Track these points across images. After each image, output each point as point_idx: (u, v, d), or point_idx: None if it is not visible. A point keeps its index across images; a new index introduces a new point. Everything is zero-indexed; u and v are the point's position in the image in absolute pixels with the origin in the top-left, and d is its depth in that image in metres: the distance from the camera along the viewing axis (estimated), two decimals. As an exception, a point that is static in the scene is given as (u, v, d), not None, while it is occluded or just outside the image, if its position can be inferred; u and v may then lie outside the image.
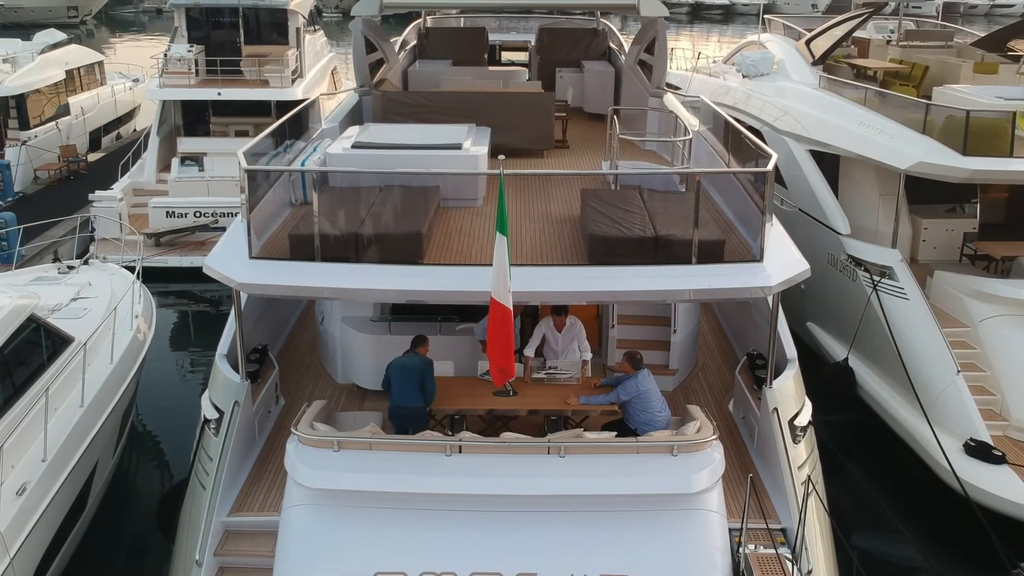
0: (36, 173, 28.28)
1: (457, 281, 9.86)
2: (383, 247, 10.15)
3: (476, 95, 15.36)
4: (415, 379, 10.67)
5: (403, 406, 10.72)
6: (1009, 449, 13.46)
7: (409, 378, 10.67)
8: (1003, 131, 14.79)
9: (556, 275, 9.99)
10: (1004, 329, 14.59)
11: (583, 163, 15.32)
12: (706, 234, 10.15)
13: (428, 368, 10.82)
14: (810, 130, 18.05)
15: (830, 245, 16.98)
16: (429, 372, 10.81)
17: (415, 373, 10.70)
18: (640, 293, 9.98)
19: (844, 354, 16.30)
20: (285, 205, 12.45)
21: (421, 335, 11.26)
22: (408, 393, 10.68)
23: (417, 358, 10.87)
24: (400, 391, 10.71)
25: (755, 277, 9.95)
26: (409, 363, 10.80)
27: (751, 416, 11.60)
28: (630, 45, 18.42)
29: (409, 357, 10.90)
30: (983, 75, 19.60)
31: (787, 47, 22.04)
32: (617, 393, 10.69)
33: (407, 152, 12.39)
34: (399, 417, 10.76)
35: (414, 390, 10.68)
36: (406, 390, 10.68)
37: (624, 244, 10.07)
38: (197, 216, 23.54)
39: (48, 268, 17.16)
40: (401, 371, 10.75)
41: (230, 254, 10.31)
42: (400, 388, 10.69)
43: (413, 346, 11.05)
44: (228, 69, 26.86)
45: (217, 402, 11.03)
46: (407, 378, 10.68)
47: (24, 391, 11.59)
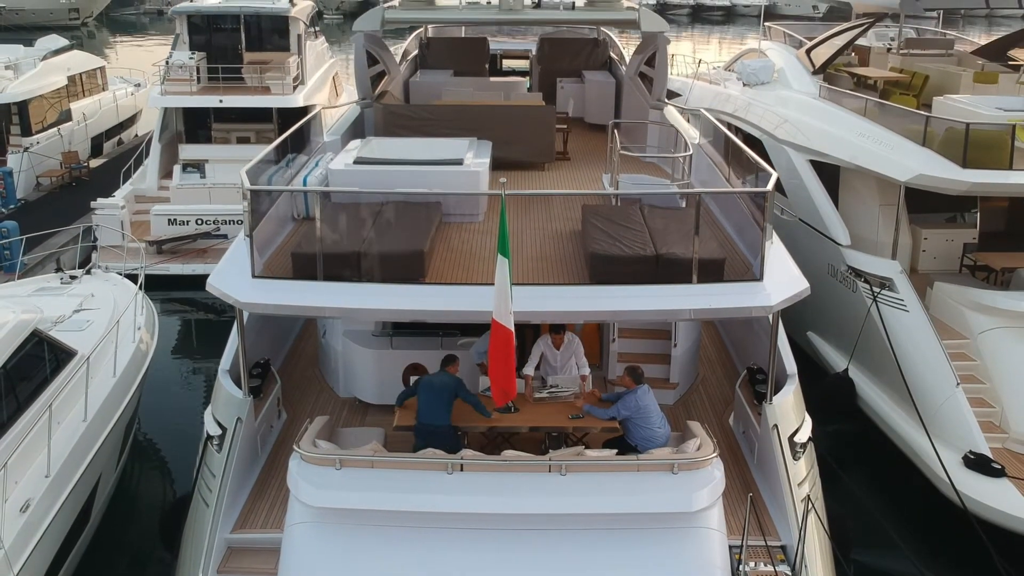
0: (38, 179, 28.34)
1: (459, 301, 9.92)
2: (385, 265, 10.21)
3: (477, 108, 15.44)
4: (445, 398, 10.61)
5: (430, 424, 10.63)
6: (1008, 462, 13.50)
7: (438, 397, 10.61)
8: (1003, 144, 14.83)
9: (557, 294, 10.04)
10: (1004, 341, 14.63)
11: (584, 176, 15.37)
12: (706, 252, 10.21)
13: (460, 386, 10.78)
14: (810, 140, 18.10)
15: (830, 256, 17.03)
16: (462, 389, 10.79)
17: (445, 392, 10.64)
18: (641, 313, 10.05)
19: (844, 365, 16.35)
20: (287, 220, 12.52)
21: (452, 354, 11.26)
22: (436, 412, 10.61)
23: (447, 376, 10.84)
24: (428, 409, 10.64)
25: (755, 296, 10.01)
26: (438, 381, 10.75)
27: (751, 432, 11.66)
28: (631, 56, 18.49)
29: (439, 376, 10.87)
30: (983, 85, 19.64)
31: (787, 55, 22.08)
32: (617, 408, 10.74)
33: (408, 168, 12.45)
34: (426, 435, 10.67)
35: (442, 409, 10.61)
36: (434, 409, 10.61)
37: (625, 262, 10.13)
38: (199, 223, 23.60)
39: (50, 278, 17.22)
40: (430, 389, 10.69)
41: (233, 272, 10.38)
42: (428, 406, 10.63)
43: (443, 365, 11.03)
44: (230, 76, 26.89)
45: (220, 418, 11.09)
46: (436, 397, 10.62)
47: (28, 406, 11.65)
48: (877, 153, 16.04)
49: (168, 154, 26.94)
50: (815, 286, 17.41)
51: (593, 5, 15.65)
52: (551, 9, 15.33)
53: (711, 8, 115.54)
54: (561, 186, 14.88)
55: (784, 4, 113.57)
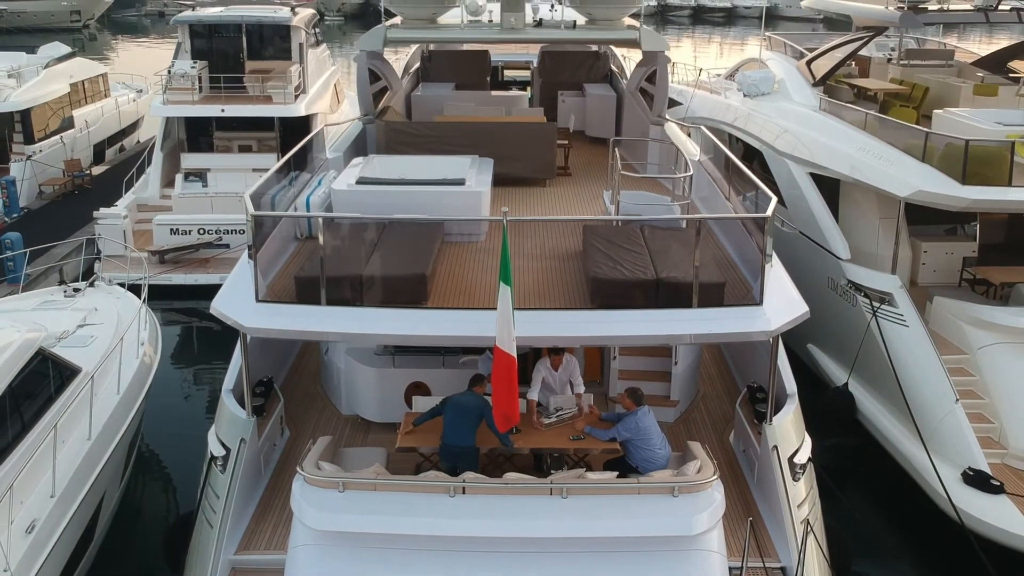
0: (41, 188, 28.42)
1: (462, 326, 10.00)
2: (388, 289, 10.30)
3: (479, 125, 15.53)
4: (471, 418, 10.50)
5: (456, 445, 10.58)
6: (1007, 478, 13.58)
7: (465, 417, 10.51)
8: (1002, 160, 14.89)
9: (558, 319, 10.13)
10: (1003, 357, 14.70)
11: (585, 192, 15.46)
12: (706, 276, 10.29)
13: (486, 407, 10.64)
14: (810, 153, 18.17)
15: (830, 269, 17.11)
16: (488, 411, 10.63)
17: (473, 412, 10.52)
18: (642, 338, 10.13)
19: (844, 378, 16.42)
20: (290, 239, 12.61)
21: (479, 375, 11.18)
22: (462, 433, 10.53)
23: (475, 397, 10.72)
24: (453, 430, 10.55)
25: (755, 321, 10.09)
26: (465, 402, 10.63)
27: (751, 451, 11.74)
28: (632, 71, 18.57)
29: (465, 396, 10.74)
30: (983, 97, 19.71)
31: (788, 66, 22.13)
32: (618, 429, 10.81)
33: (411, 188, 12.53)
34: (450, 456, 10.61)
35: (468, 430, 10.53)
36: (460, 429, 10.53)
37: (626, 286, 10.22)
38: (201, 233, 23.66)
39: (54, 291, 17.30)
40: (457, 409, 10.58)
41: (237, 296, 10.47)
42: (454, 427, 10.54)
43: (470, 385, 10.94)
44: (231, 85, 26.97)
45: (224, 439, 11.18)
46: (463, 417, 10.52)
47: (33, 425, 11.73)
48: (877, 168, 16.11)
49: (170, 162, 27.04)
50: (815, 299, 17.54)
51: (594, 23, 15.73)
52: (552, 28, 15.41)
53: (712, 10, 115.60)
54: (562, 202, 14.96)
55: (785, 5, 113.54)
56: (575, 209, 14.58)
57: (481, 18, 15.69)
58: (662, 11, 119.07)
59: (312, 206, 12.83)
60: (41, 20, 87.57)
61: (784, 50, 23.56)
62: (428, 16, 15.66)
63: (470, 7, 15.52)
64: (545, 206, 14.73)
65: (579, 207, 14.74)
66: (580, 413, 11.58)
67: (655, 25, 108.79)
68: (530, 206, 14.69)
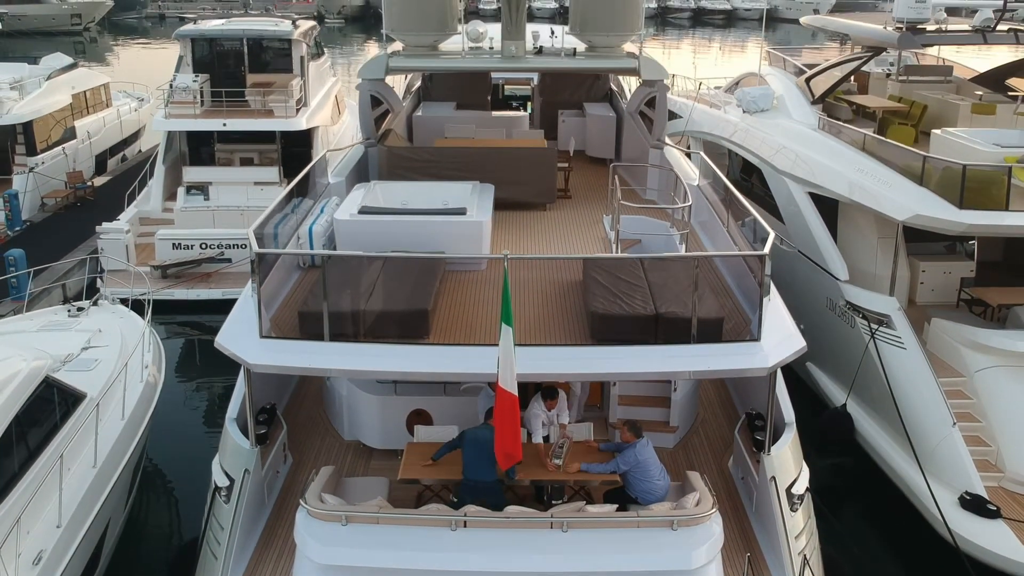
0: (43, 200, 28.54)
1: (463, 363, 10.12)
2: (390, 324, 10.43)
3: (479, 150, 15.64)
4: (491, 452, 10.29)
5: (477, 480, 10.49)
6: (1004, 501, 13.70)
7: (484, 451, 10.33)
8: (999, 184, 14.99)
9: (558, 355, 10.24)
10: (1000, 381, 14.81)
11: (585, 217, 15.57)
12: (705, 311, 10.41)
13: None
14: (809, 173, 18.28)
15: (829, 290, 17.23)
16: None
17: (492, 445, 10.31)
18: (640, 375, 10.25)
19: (843, 399, 16.55)
20: (293, 268, 12.72)
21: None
22: (483, 467, 10.43)
23: (492, 430, 10.47)
24: (474, 465, 10.47)
25: (753, 358, 10.22)
26: (484, 436, 10.45)
27: (750, 480, 11.85)
28: (632, 94, 18.68)
29: (483, 429, 10.64)
30: (981, 116, 19.84)
31: (787, 83, 22.26)
32: (617, 463, 10.93)
33: (412, 218, 12.65)
34: (472, 492, 10.44)
35: (490, 464, 10.35)
36: (481, 464, 10.42)
37: (625, 322, 10.34)
38: (203, 248, 23.78)
39: (57, 310, 17.41)
40: (475, 444, 10.46)
41: (241, 331, 10.58)
42: (474, 462, 10.45)
43: (486, 418, 10.89)
44: (233, 99, 27.09)
45: (228, 469, 11.29)
46: (483, 452, 10.35)
47: (39, 453, 11.82)
48: (875, 190, 16.22)
49: (172, 175, 27.15)
50: (814, 319, 17.70)
51: (594, 51, 15.84)
52: (552, 56, 15.54)
53: (712, 12, 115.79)
54: (563, 228, 15.08)
55: (785, 8, 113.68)
56: (575, 235, 14.70)
57: (482, 44, 15.82)
58: (662, 13, 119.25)
59: (315, 235, 12.94)
60: (42, 24, 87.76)
61: (783, 66, 23.68)
62: (429, 43, 15.79)
63: (471, 34, 15.66)
64: (546, 232, 14.85)
65: (579, 232, 14.86)
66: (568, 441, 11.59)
67: (655, 27, 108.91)
68: (531, 232, 14.81)
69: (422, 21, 15.43)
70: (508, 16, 15.22)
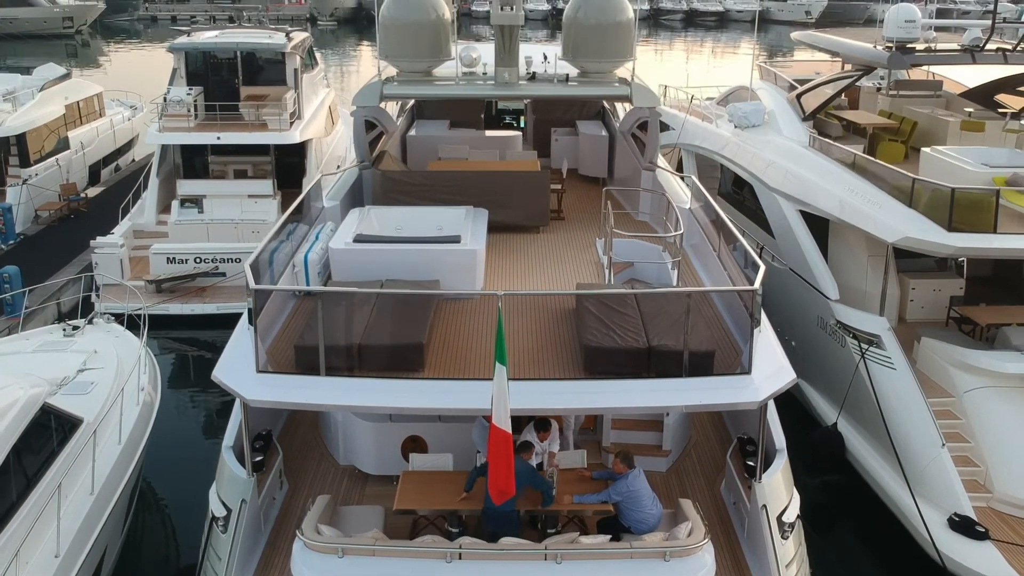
0: (37, 212, 28.58)
1: (458, 398, 10.25)
2: (386, 357, 10.54)
3: (473, 174, 15.77)
4: (518, 486, 10.39)
5: (501, 511, 10.56)
6: (992, 522, 13.87)
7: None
8: (987, 207, 15.15)
9: (551, 390, 10.38)
10: (988, 402, 14.98)
11: (577, 240, 15.71)
12: (696, 343, 10.54)
13: (532, 473, 10.76)
14: (800, 191, 18.43)
15: (819, 308, 17.38)
16: (535, 476, 10.77)
17: (520, 479, 10.46)
18: (633, 409, 10.38)
19: (834, 417, 16.70)
20: (289, 296, 12.82)
21: (527, 442, 11.25)
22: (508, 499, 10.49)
23: (522, 464, 10.71)
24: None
25: (744, 391, 10.36)
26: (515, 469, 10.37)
27: (741, 506, 11.99)
28: (624, 115, 18.81)
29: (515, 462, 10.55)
30: (970, 133, 20.02)
31: (778, 98, 22.40)
32: (609, 493, 11.08)
33: (407, 247, 12.77)
34: (493, 520, 10.62)
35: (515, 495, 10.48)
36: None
37: (618, 355, 10.48)
38: (198, 262, 23.86)
39: (53, 329, 17.46)
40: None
41: (238, 365, 10.69)
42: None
43: (518, 451, 10.91)
44: (227, 112, 27.15)
45: (225, 498, 11.40)
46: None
47: (37, 482, 11.89)
48: (865, 211, 16.37)
49: (166, 188, 27.17)
50: (805, 336, 17.86)
51: (587, 76, 15.97)
52: (546, 83, 15.66)
53: (704, 13, 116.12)
54: (556, 251, 15.22)
55: (777, 9, 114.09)
56: (568, 259, 14.82)
57: (476, 69, 15.94)
58: (655, 15, 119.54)
59: (310, 263, 13.06)
60: (34, 27, 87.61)
61: (774, 80, 23.82)
62: (423, 69, 15.91)
63: (464, 59, 15.78)
64: (539, 256, 14.97)
65: (572, 256, 14.99)
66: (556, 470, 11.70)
67: (648, 29, 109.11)
68: (524, 256, 14.93)
69: (416, 48, 15.56)
70: (501, 44, 15.35)
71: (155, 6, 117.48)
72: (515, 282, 13.51)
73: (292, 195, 26.22)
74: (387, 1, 15.74)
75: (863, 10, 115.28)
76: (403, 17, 15.48)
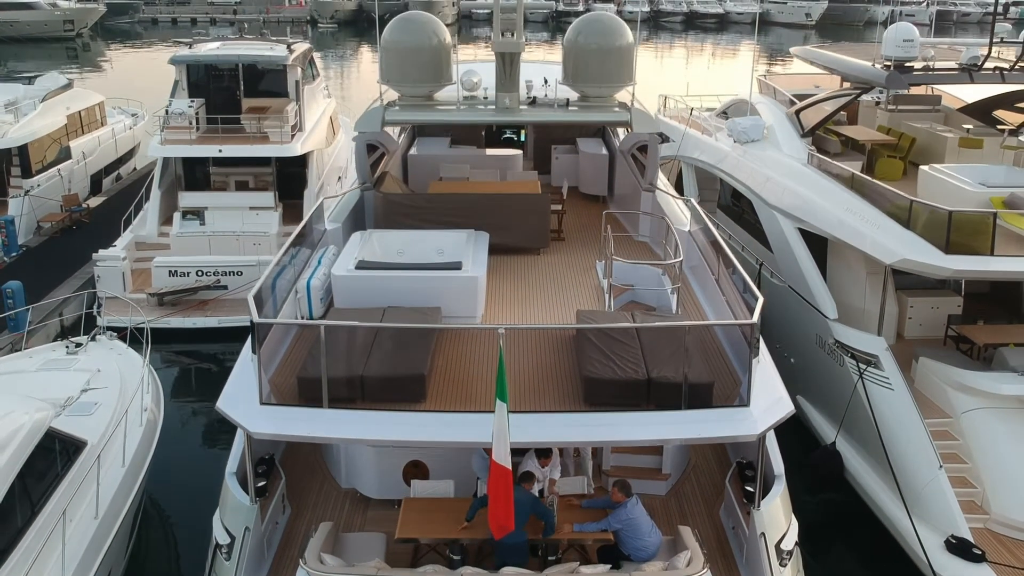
0: (39, 224, 28.66)
1: (460, 431, 10.37)
2: (388, 389, 10.66)
3: (474, 197, 15.88)
4: (524, 515, 10.59)
5: (513, 543, 10.63)
6: (989, 543, 13.97)
7: (518, 514, 10.47)
8: (984, 229, 15.24)
9: (551, 422, 10.49)
10: (986, 423, 15.08)
11: (578, 262, 15.82)
12: (695, 375, 10.65)
13: (536, 503, 10.89)
14: (799, 209, 18.53)
15: (818, 327, 17.48)
16: (538, 505, 10.89)
17: (526, 509, 10.62)
18: (632, 442, 10.50)
19: (833, 436, 16.81)
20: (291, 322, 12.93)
21: (528, 472, 11.40)
22: (516, 529, 10.56)
23: (524, 494, 10.82)
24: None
25: (742, 424, 10.48)
26: (518, 499, 10.44)
27: (740, 531, 12.10)
28: (624, 136, 18.93)
29: (516, 492, 10.63)
30: (968, 150, 20.12)
31: (778, 113, 22.50)
32: (608, 521, 11.20)
33: (408, 274, 12.89)
34: (502, 552, 10.74)
35: (520, 526, 10.60)
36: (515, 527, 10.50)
37: (617, 386, 10.59)
38: (199, 275, 23.96)
39: (56, 347, 17.57)
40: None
41: (242, 397, 10.80)
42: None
43: (520, 481, 11.04)
44: (229, 125, 27.27)
45: (228, 525, 11.51)
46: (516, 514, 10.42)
47: (42, 508, 11.98)
48: (863, 232, 16.46)
49: (168, 199, 27.28)
50: (804, 354, 17.96)
51: (587, 101, 16.09)
52: (546, 108, 15.77)
53: (704, 16, 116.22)
54: (556, 274, 15.35)
55: (777, 12, 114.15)
56: (568, 282, 14.94)
57: (477, 93, 16.05)
58: (655, 17, 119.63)
59: (313, 290, 13.17)
60: (34, 30, 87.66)
61: (774, 95, 23.92)
62: (425, 94, 16.02)
63: (465, 84, 15.90)
64: (539, 280, 15.08)
65: (572, 279, 15.10)
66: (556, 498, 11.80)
67: (648, 31, 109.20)
68: (524, 280, 15.04)
69: (417, 73, 15.68)
70: (502, 70, 15.47)
71: (155, 8, 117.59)
72: (515, 308, 13.63)
73: (293, 207, 26.67)
74: (388, 26, 15.87)
75: (863, 12, 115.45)
76: (404, 42, 15.61)
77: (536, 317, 13.24)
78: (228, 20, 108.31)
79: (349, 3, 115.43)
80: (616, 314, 12.49)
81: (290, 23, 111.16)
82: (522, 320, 13.11)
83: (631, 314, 12.33)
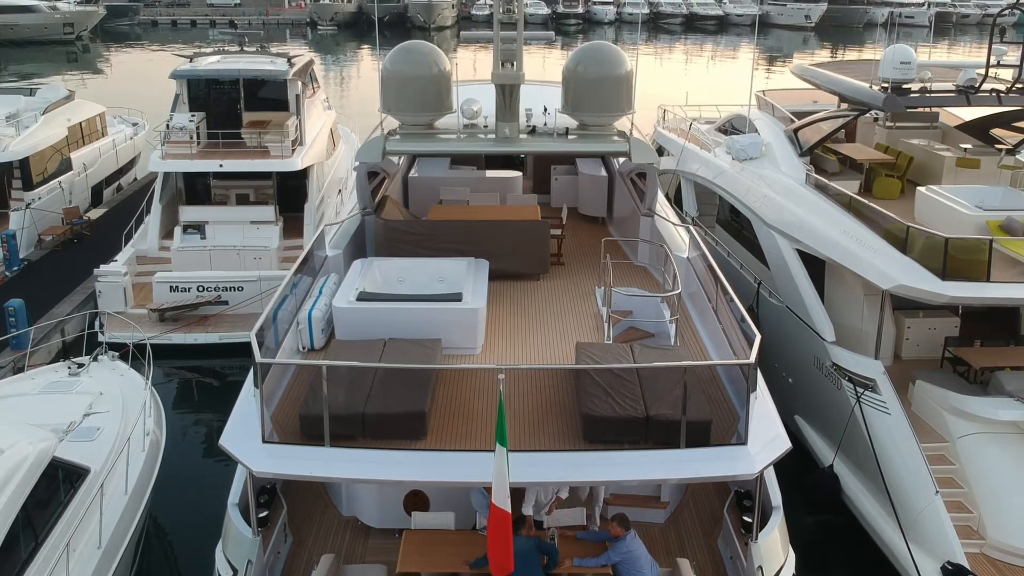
0: (40, 237, 28.75)
1: (460, 471, 10.48)
2: (389, 426, 10.78)
3: (474, 224, 15.99)
4: (534, 560, 10.67)
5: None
6: (985, 569, 14.09)
7: (526, 562, 10.62)
8: (981, 255, 15.36)
9: (550, 461, 10.60)
10: (982, 448, 15.19)
11: (577, 288, 15.93)
12: (693, 413, 10.76)
13: (539, 542, 10.99)
14: (797, 230, 18.63)
15: (816, 349, 17.59)
16: (541, 544, 10.99)
17: (533, 555, 10.71)
18: (632, 481, 10.61)
19: (830, 458, 16.92)
20: (293, 352, 13.04)
21: (521, 516, 11.52)
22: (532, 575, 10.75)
23: (525, 540, 10.86)
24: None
25: (740, 463, 10.59)
26: (521, 549, 10.63)
27: (738, 562, 12.22)
28: (624, 159, 19.05)
29: (518, 541, 10.71)
30: (966, 169, 20.23)
31: (776, 131, 22.60)
32: (609, 555, 11.32)
33: (409, 305, 13.01)
34: None
35: (535, 571, 10.72)
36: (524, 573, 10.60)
37: (616, 424, 10.71)
38: (200, 291, 24.06)
39: (58, 367, 17.65)
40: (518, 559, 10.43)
41: (244, 434, 10.91)
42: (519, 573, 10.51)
43: (515, 529, 10.96)
44: (229, 140, 27.37)
45: (231, 558, 11.63)
46: (526, 563, 10.62)
47: (46, 539, 12.09)
48: (860, 256, 16.57)
49: (168, 213, 27.38)
50: (802, 375, 18.06)
51: (587, 130, 16.19)
52: (545, 137, 15.89)
53: (704, 17, 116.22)
54: (555, 300, 15.47)
55: (776, 14, 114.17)
56: (568, 310, 15.05)
57: (477, 121, 16.17)
58: (654, 19, 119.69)
59: (314, 321, 13.28)
60: (34, 33, 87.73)
61: (772, 111, 24.02)
62: (425, 122, 16.13)
63: (466, 112, 16.01)
64: (538, 308, 15.19)
65: (572, 307, 15.21)
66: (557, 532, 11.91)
67: (647, 32, 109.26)
68: (524, 308, 15.15)
69: (418, 102, 15.80)
70: (502, 100, 15.58)
71: (155, 11, 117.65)
72: (515, 340, 13.74)
73: (294, 220, 26.77)
74: (388, 56, 15.98)
75: (862, 14, 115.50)
76: (405, 72, 15.73)
77: (536, 348, 13.36)
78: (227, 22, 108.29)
79: (349, 5, 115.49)
80: (615, 347, 12.58)
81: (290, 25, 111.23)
82: (522, 352, 13.23)
83: (630, 347, 12.43)
